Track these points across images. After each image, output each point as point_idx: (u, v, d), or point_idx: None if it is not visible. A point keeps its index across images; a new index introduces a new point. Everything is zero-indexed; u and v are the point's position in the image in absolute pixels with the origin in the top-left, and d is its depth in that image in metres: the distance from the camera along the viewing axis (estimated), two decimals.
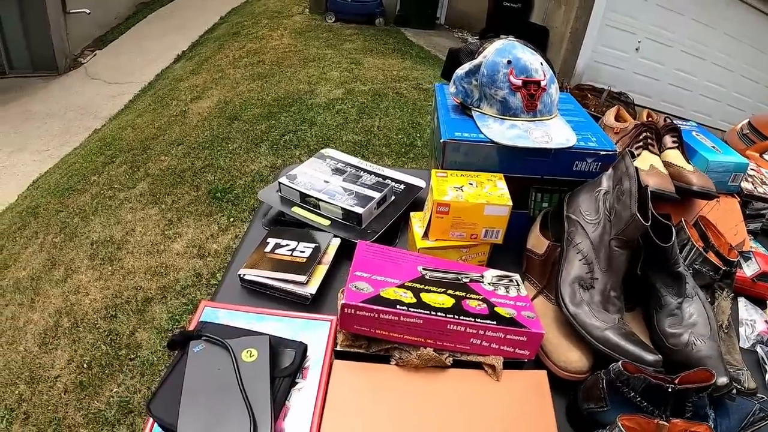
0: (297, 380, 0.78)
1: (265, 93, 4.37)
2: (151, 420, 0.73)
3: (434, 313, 0.81)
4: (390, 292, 0.84)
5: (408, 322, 0.81)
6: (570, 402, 0.86)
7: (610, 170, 0.96)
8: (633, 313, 0.97)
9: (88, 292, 2.60)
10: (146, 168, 3.48)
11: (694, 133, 1.40)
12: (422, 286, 0.88)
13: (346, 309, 0.80)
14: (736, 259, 1.02)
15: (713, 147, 1.33)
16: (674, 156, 1.22)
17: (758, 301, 1.14)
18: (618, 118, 1.36)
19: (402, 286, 0.87)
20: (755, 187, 1.39)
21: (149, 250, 2.83)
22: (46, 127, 4.54)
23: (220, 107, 4.22)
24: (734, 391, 0.83)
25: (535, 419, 0.79)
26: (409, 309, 0.81)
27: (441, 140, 1.05)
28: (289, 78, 4.66)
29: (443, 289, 0.89)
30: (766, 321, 1.08)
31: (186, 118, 4.12)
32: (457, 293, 0.88)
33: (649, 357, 0.81)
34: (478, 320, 0.82)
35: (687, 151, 1.28)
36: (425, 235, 1.02)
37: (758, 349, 1.02)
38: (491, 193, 0.98)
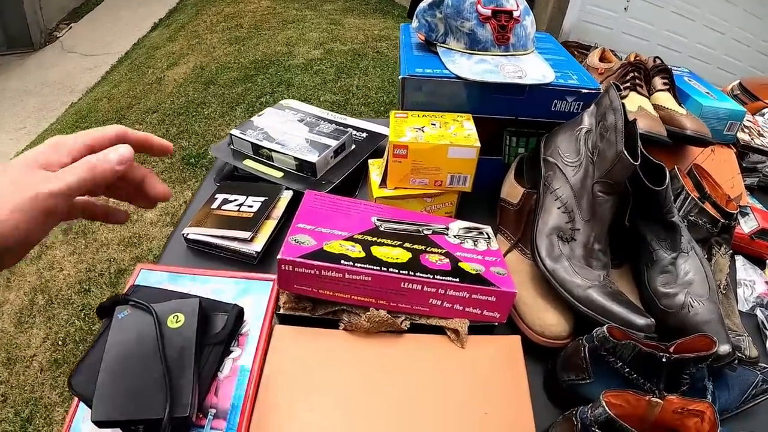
0: (232, 348, 0.69)
1: (242, 56, 4.26)
2: (76, 398, 0.64)
3: (386, 269, 0.70)
4: (335, 246, 0.72)
5: (355, 279, 0.69)
6: (548, 372, 0.75)
7: (593, 107, 0.84)
8: (620, 270, 0.85)
9: (62, 267, 2.54)
10: None
11: (686, 78, 1.27)
12: (374, 239, 0.76)
13: (282, 265, 0.69)
14: (735, 211, 0.91)
15: (707, 93, 1.20)
16: (665, 99, 1.10)
17: (756, 260, 1.04)
18: (603, 59, 1.23)
19: (350, 239, 0.75)
20: (752, 139, 1.27)
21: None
22: (23, 105, 4.41)
23: (196, 73, 4.12)
24: (736, 360, 0.72)
25: (505, 391, 0.68)
26: (356, 264, 0.69)
27: (400, 77, 0.91)
28: (267, 41, 4.53)
29: (399, 242, 0.77)
30: (766, 282, 0.99)
31: (161, 85, 4.03)
32: (416, 247, 0.76)
33: (640, 320, 0.69)
34: (438, 277, 0.70)
35: (679, 95, 1.15)
36: (383, 183, 0.90)
37: (758, 312, 0.93)
38: (456, 134, 0.86)
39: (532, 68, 0.92)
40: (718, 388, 0.71)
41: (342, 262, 0.69)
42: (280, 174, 1.03)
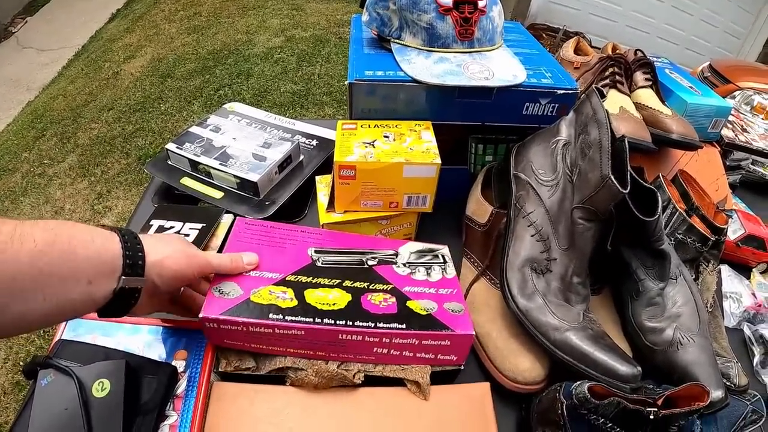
0: (167, 412, 0.60)
1: (200, 46, 4.11)
2: None
3: (320, 320, 0.59)
4: (263, 294, 0.61)
5: (286, 334, 0.59)
6: (521, 420, 0.66)
7: (571, 114, 0.73)
8: (600, 296, 0.76)
9: None
10: (76, 138, 3.28)
11: (667, 71, 1.18)
12: (309, 279, 0.65)
13: (206, 324, 0.59)
14: (725, 226, 0.82)
15: (690, 87, 1.11)
16: (647, 96, 0.99)
17: (741, 267, 0.96)
18: (578, 51, 1.12)
19: (282, 282, 0.64)
20: (737, 135, 1.19)
21: None
22: None
23: (153, 65, 3.97)
24: (728, 403, 0.64)
25: None
26: (286, 318, 0.59)
27: (347, 82, 0.79)
28: (226, 29, 4.38)
29: (338, 281, 0.66)
30: (752, 294, 0.91)
31: (118, 80, 3.88)
32: (357, 285, 0.66)
33: (625, 369, 0.59)
34: (381, 325, 0.60)
35: (662, 91, 1.05)
36: (330, 206, 0.78)
37: (745, 328, 0.86)
38: (413, 148, 0.74)
39: (500, 67, 0.81)
40: (705, 424, 0.63)
41: (270, 316, 0.59)
42: (220, 194, 0.91)
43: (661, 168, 1.00)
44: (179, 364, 0.63)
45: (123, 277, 0.50)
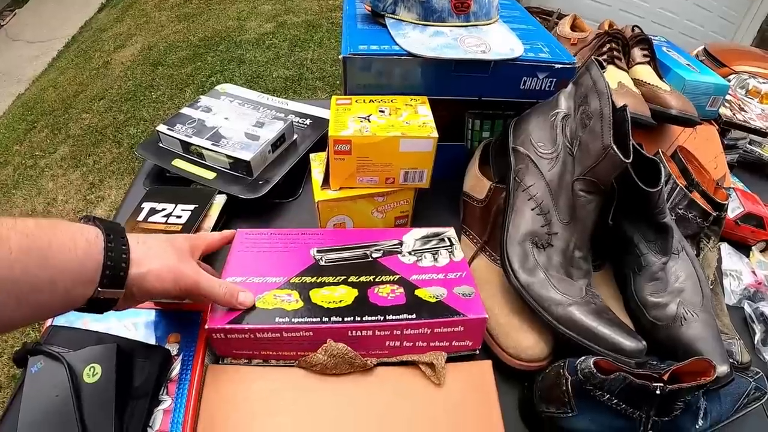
0: (161, 397, 0.58)
1: (191, 34, 4.06)
2: None
3: (326, 318, 0.58)
4: (269, 299, 0.60)
5: (294, 337, 0.57)
6: (523, 398, 0.65)
7: (570, 86, 0.71)
8: (601, 273, 0.74)
9: None
10: (67, 129, 3.26)
11: (664, 49, 1.16)
12: (314, 279, 0.64)
13: (213, 334, 0.58)
14: (726, 202, 0.81)
15: (688, 65, 1.09)
16: (646, 73, 0.98)
17: (740, 246, 0.95)
18: (575, 28, 1.10)
19: (287, 285, 0.63)
20: (734, 114, 1.18)
21: (72, 220, 2.62)
22: None
23: (144, 54, 3.93)
24: (733, 379, 0.63)
25: (476, 425, 0.58)
26: (293, 320, 0.57)
27: (341, 56, 0.77)
28: (218, 15, 4.32)
29: (343, 277, 0.64)
30: (752, 271, 0.90)
31: (108, 69, 3.84)
32: (362, 279, 0.64)
33: (629, 344, 0.58)
34: (391, 317, 0.58)
35: (659, 68, 1.03)
36: (325, 183, 0.76)
37: (745, 306, 0.84)
38: (409, 122, 0.72)
39: (497, 40, 0.79)
40: (710, 402, 0.61)
41: (277, 319, 0.57)
42: (212, 175, 0.89)
43: (660, 145, 0.99)
44: (172, 348, 0.62)
45: (99, 289, 0.48)
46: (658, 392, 0.52)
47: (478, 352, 0.64)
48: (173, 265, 0.53)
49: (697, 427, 0.59)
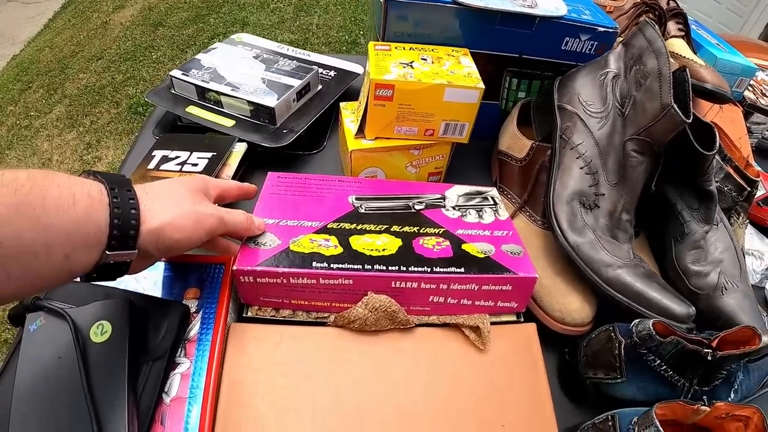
0: (178, 359, 0.52)
1: None
2: None
3: (370, 266, 0.54)
4: (304, 243, 0.56)
5: (332, 284, 0.53)
6: (565, 364, 0.62)
7: (620, 47, 0.69)
8: (637, 241, 0.72)
9: None
10: (63, 89, 3.19)
11: (694, 27, 1.14)
12: (353, 226, 0.60)
13: (240, 277, 0.53)
14: (758, 178, 0.79)
15: (718, 45, 1.07)
16: (680, 46, 0.95)
17: (761, 228, 0.93)
18: None
19: (324, 230, 0.59)
20: (758, 98, 1.16)
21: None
22: None
23: (144, 14, 3.85)
24: None
25: (523, 396, 0.54)
26: (332, 266, 0.53)
27: (382, 0, 0.73)
28: None
29: (385, 226, 0.61)
30: None
31: (107, 30, 3.76)
32: (406, 229, 0.60)
33: (680, 309, 0.56)
34: (438, 269, 0.55)
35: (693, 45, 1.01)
36: (359, 132, 0.72)
37: (767, 285, 0.82)
38: (454, 72, 0.69)
39: None
40: (743, 374, 0.60)
41: (314, 264, 0.53)
42: (231, 122, 0.84)
43: None
44: (191, 304, 0.55)
45: (107, 252, 0.41)
46: (709, 358, 0.50)
47: (522, 319, 0.61)
48: (190, 210, 0.47)
49: (729, 399, 0.57)
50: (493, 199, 0.69)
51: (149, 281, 0.57)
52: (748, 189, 0.77)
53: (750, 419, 0.48)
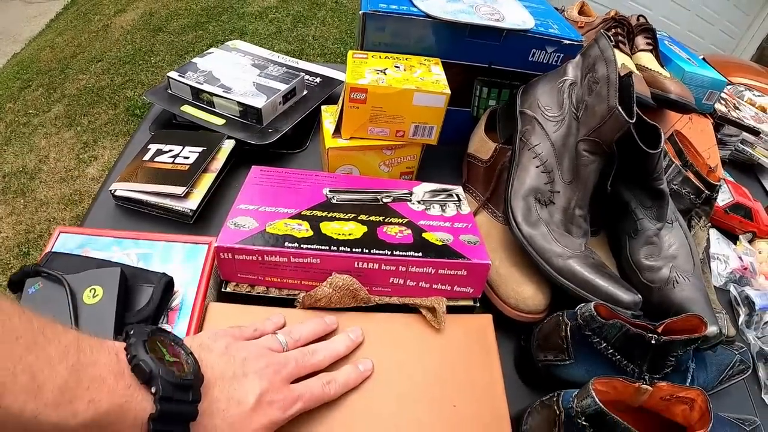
0: (161, 324, 0.58)
1: (193, 2, 4.04)
2: None
3: (336, 248, 0.59)
4: (279, 226, 0.62)
5: (302, 263, 0.59)
6: (520, 349, 0.67)
7: (578, 57, 0.74)
8: (597, 239, 0.77)
9: (0, 230, 2.39)
10: (63, 89, 3.23)
11: (666, 42, 1.19)
12: (325, 214, 0.66)
13: (220, 254, 0.59)
14: (718, 183, 0.84)
15: (688, 59, 1.12)
16: (648, 59, 1.01)
17: (728, 235, 0.99)
18: (582, 13, 1.13)
19: (297, 216, 0.65)
20: (729, 111, 1.21)
21: (63, 177, 2.61)
22: None
23: (145, 19, 3.91)
24: (722, 341, 0.66)
25: (476, 381, 0.57)
26: (302, 246, 0.59)
27: (361, 12, 0.79)
28: None
29: (353, 215, 0.67)
30: (739, 257, 0.92)
31: (108, 33, 3.81)
32: (372, 218, 0.66)
33: (626, 296, 0.60)
34: (398, 253, 0.60)
35: (661, 58, 1.07)
36: (336, 132, 0.78)
37: (731, 288, 0.88)
38: (423, 79, 0.74)
39: (510, 12, 0.82)
40: (697, 368, 0.64)
41: (286, 244, 0.59)
42: (221, 121, 0.91)
43: None
44: (176, 276, 0.61)
45: None
46: (653, 342, 0.54)
47: (478, 304, 0.65)
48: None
49: None
50: (457, 195, 0.75)
51: (138, 258, 0.63)
52: (707, 193, 0.81)
53: (695, 401, 0.50)
